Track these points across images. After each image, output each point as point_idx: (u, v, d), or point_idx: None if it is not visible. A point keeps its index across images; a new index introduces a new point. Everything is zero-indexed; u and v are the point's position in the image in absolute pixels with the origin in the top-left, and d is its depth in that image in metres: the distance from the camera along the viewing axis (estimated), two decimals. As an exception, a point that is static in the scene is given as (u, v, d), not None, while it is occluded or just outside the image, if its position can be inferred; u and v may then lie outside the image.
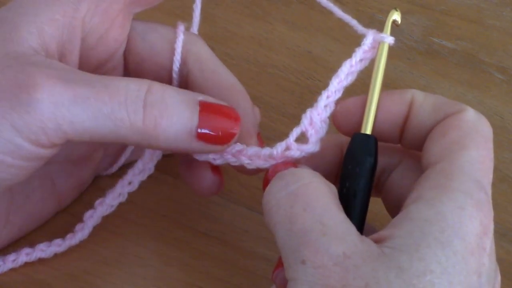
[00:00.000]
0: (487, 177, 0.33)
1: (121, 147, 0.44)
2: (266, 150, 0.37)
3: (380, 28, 0.38)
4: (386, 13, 0.55)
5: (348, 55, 0.38)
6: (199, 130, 0.35)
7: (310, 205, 0.32)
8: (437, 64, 0.52)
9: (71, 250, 0.41)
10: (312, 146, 0.36)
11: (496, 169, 0.46)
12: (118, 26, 0.39)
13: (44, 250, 0.41)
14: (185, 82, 0.41)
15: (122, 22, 0.39)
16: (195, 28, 0.44)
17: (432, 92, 0.51)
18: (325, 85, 0.52)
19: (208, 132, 0.36)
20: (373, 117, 0.36)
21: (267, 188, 0.34)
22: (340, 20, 0.39)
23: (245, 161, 0.37)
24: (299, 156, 0.36)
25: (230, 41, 0.53)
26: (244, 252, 0.42)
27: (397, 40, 0.53)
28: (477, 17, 0.55)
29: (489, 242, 0.31)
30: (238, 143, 0.37)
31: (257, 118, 0.41)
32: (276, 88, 0.51)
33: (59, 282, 0.41)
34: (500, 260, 0.43)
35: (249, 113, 0.39)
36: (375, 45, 0.37)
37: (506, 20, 0.55)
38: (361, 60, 0.37)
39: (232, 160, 0.37)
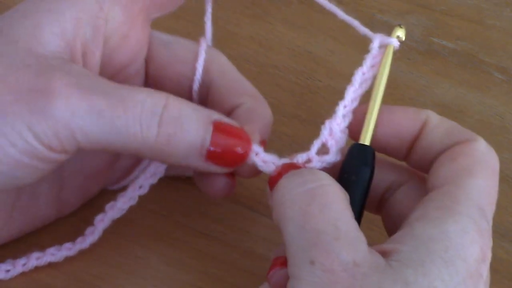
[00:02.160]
0: (491, 208, 0.34)
1: (131, 165, 0.44)
2: (285, 160, 0.36)
3: (380, 28, 0.38)
4: (386, 13, 0.55)
5: (348, 55, 0.38)
6: (209, 150, 0.36)
7: (327, 207, 0.32)
8: (437, 64, 0.52)
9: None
10: (333, 156, 0.36)
11: (496, 169, 0.47)
12: (139, 27, 0.39)
13: (54, 254, 0.41)
14: (206, 92, 0.41)
15: (142, 24, 0.39)
16: (208, 38, 0.44)
17: (432, 92, 0.51)
18: (325, 85, 0.53)
19: (217, 154, 0.36)
20: (373, 128, 0.36)
21: (282, 182, 0.34)
22: (340, 20, 0.39)
23: (258, 162, 0.37)
24: (320, 167, 0.36)
25: (230, 41, 0.53)
26: (244, 252, 0.42)
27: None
28: (477, 17, 0.55)
29: (486, 269, 0.32)
30: (255, 145, 0.37)
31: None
32: (276, 88, 0.51)
33: (58, 282, 0.41)
34: (500, 260, 0.43)
35: (264, 118, 0.40)
36: (383, 49, 0.37)
37: (506, 20, 0.55)
38: (372, 66, 0.37)
39: None
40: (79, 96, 0.33)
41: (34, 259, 0.40)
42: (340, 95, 0.37)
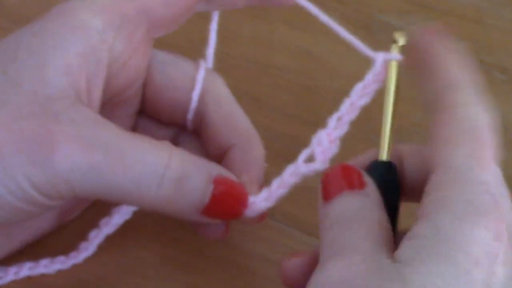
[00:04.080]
0: (489, 169, 0.31)
1: None
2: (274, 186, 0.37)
3: (380, 28, 0.38)
4: (386, 13, 0.55)
5: (348, 55, 0.37)
6: (206, 207, 0.36)
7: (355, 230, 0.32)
8: (437, 64, 0.52)
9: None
10: (319, 165, 0.37)
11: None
12: (140, 54, 0.39)
13: (47, 266, 0.40)
14: (199, 120, 0.41)
15: (143, 50, 0.39)
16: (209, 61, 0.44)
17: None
18: (325, 85, 0.52)
19: (213, 211, 0.36)
20: (388, 142, 0.35)
21: (339, 204, 0.33)
22: (340, 20, 0.39)
23: (257, 207, 0.38)
24: (307, 173, 0.37)
25: (230, 41, 0.53)
26: (244, 252, 0.42)
27: (397, 40, 0.53)
28: (477, 17, 0.55)
29: (502, 248, 0.30)
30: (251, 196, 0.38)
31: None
32: (276, 88, 0.51)
33: (58, 282, 0.41)
34: (500, 260, 0.43)
35: (259, 163, 0.40)
36: (386, 67, 0.37)
37: (506, 20, 0.55)
38: (374, 82, 0.37)
39: None
40: (80, 153, 0.34)
41: (27, 269, 0.40)
42: (340, 95, 0.37)
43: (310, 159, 0.37)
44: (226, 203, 0.36)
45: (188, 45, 0.44)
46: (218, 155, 0.41)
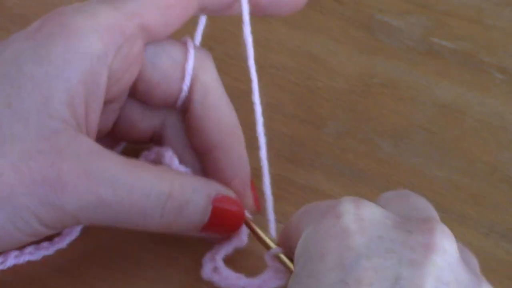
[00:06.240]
0: None
1: None
2: None
3: (380, 28, 0.38)
4: (386, 13, 0.55)
5: (348, 55, 0.37)
6: (205, 226, 0.38)
7: None
8: (437, 64, 0.52)
9: (68, 250, 0.41)
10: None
11: (496, 169, 0.47)
12: (134, 67, 0.39)
13: (32, 253, 0.40)
14: (186, 107, 0.41)
15: (138, 61, 0.39)
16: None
17: (432, 92, 0.51)
18: (325, 85, 0.52)
19: (211, 228, 0.38)
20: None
21: None
22: (340, 20, 0.39)
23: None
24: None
25: (230, 41, 0.53)
26: (244, 252, 0.42)
27: (397, 40, 0.53)
28: (477, 17, 0.55)
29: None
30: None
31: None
32: (276, 88, 0.51)
33: (57, 284, 0.41)
34: (500, 260, 0.43)
35: (244, 160, 0.41)
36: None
37: (506, 20, 0.55)
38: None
39: None
40: (88, 189, 0.35)
41: (13, 258, 0.40)
42: (340, 95, 0.37)
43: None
44: (224, 220, 0.38)
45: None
46: (202, 150, 0.41)
